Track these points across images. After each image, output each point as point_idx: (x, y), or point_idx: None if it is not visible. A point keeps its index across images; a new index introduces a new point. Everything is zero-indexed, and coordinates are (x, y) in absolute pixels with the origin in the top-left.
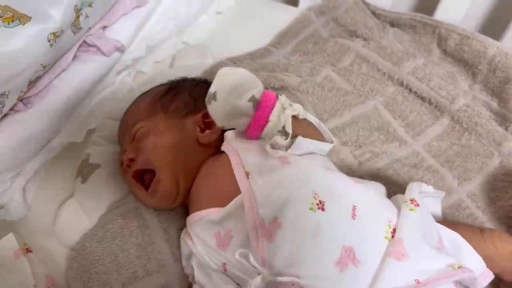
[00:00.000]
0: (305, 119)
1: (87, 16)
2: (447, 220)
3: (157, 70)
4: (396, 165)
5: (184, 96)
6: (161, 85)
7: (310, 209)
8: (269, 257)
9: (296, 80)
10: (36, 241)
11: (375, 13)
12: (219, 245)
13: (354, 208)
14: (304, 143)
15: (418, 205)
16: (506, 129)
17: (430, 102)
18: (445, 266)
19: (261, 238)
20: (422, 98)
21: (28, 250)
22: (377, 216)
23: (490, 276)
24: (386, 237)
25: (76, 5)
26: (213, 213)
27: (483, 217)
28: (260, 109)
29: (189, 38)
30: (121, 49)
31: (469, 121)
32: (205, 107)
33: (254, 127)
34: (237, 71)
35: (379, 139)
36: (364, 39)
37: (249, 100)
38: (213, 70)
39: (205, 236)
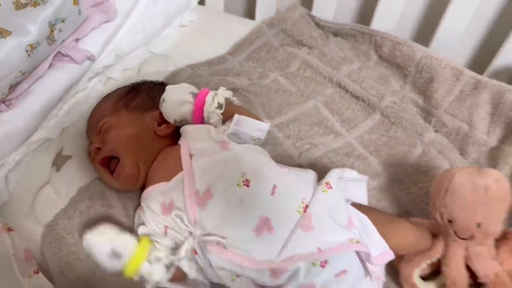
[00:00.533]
0: (241, 106)
1: (61, 30)
2: (372, 202)
3: (126, 77)
4: (331, 154)
5: (144, 95)
6: (124, 86)
7: (237, 185)
8: (200, 220)
9: (246, 82)
10: (17, 222)
11: (320, 25)
12: (163, 212)
13: (274, 187)
14: (243, 121)
15: (331, 187)
16: (430, 122)
17: (363, 101)
18: (345, 239)
19: (195, 205)
20: (356, 97)
21: (10, 229)
22: (293, 194)
23: (390, 256)
24: (298, 211)
25: (50, 21)
26: (161, 186)
27: (405, 198)
28: (198, 96)
29: (155, 48)
30: (91, 58)
31: (396, 116)
32: None
33: (196, 109)
34: (180, 84)
35: (318, 132)
36: (309, 48)
37: (189, 93)
38: (173, 75)
39: (153, 205)
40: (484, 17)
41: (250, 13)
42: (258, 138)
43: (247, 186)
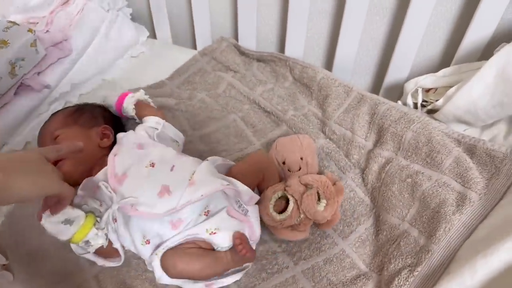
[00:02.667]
0: (155, 107)
1: (21, 67)
2: None
3: (82, 100)
4: (240, 158)
5: (88, 114)
6: (70, 106)
7: (145, 167)
8: (119, 191)
9: (173, 101)
10: None
11: (244, 53)
12: (95, 192)
13: (173, 166)
14: (169, 127)
15: (208, 160)
16: (324, 130)
17: (272, 115)
18: (220, 185)
19: (115, 183)
20: (267, 112)
21: None
22: (187, 169)
23: (256, 198)
24: (189, 179)
25: (11, 60)
26: (95, 176)
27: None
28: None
29: (108, 76)
30: (48, 87)
31: (296, 126)
32: (103, 123)
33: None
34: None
35: (233, 141)
36: (234, 72)
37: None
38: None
39: (89, 189)
40: (374, 41)
41: (194, 44)
42: (177, 141)
43: (153, 167)
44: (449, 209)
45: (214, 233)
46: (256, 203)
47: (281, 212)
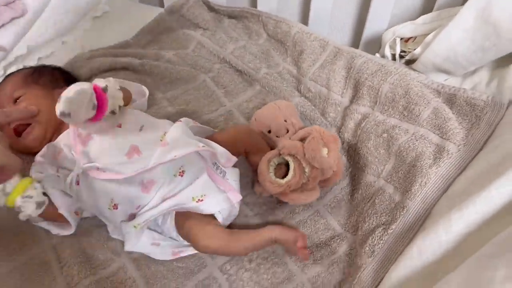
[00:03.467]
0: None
1: None
2: None
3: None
4: (213, 121)
5: (48, 76)
6: (27, 67)
7: (111, 127)
8: (83, 153)
9: (138, 62)
10: None
11: (214, 9)
12: (56, 156)
13: (142, 126)
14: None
15: (181, 121)
16: (300, 89)
17: (244, 74)
18: (195, 146)
19: (79, 144)
20: (239, 71)
21: None
22: (157, 129)
23: (233, 159)
24: (160, 139)
25: None
26: (61, 137)
27: None
28: (99, 108)
29: (69, 38)
30: (2, 49)
31: (269, 85)
32: (64, 85)
33: (99, 116)
34: (72, 89)
35: (203, 103)
36: (203, 29)
37: (93, 109)
38: (75, 60)
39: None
40: None
41: (161, 1)
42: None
43: (120, 127)
44: (425, 162)
45: (201, 200)
46: (254, 178)
47: (283, 177)
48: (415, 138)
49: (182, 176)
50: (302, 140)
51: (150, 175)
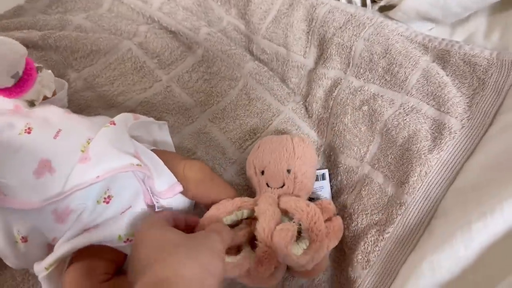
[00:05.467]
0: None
1: None
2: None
3: None
4: (146, 102)
5: None
6: None
7: (19, 134)
8: None
9: (38, 34)
10: None
11: None
12: None
13: (59, 131)
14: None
15: (114, 124)
16: (252, 50)
17: (180, 35)
18: (128, 164)
19: None
20: (173, 32)
21: None
22: (78, 136)
23: (178, 188)
24: (82, 150)
25: None
26: None
27: (223, 137)
28: (22, 81)
29: None
30: None
31: (214, 49)
32: None
33: (16, 91)
34: None
35: (132, 80)
36: None
37: (12, 77)
38: None
39: None
40: None
41: None
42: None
43: (28, 133)
44: (422, 144)
45: (132, 240)
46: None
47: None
48: (405, 112)
49: (108, 203)
50: (286, 213)
51: (64, 203)
